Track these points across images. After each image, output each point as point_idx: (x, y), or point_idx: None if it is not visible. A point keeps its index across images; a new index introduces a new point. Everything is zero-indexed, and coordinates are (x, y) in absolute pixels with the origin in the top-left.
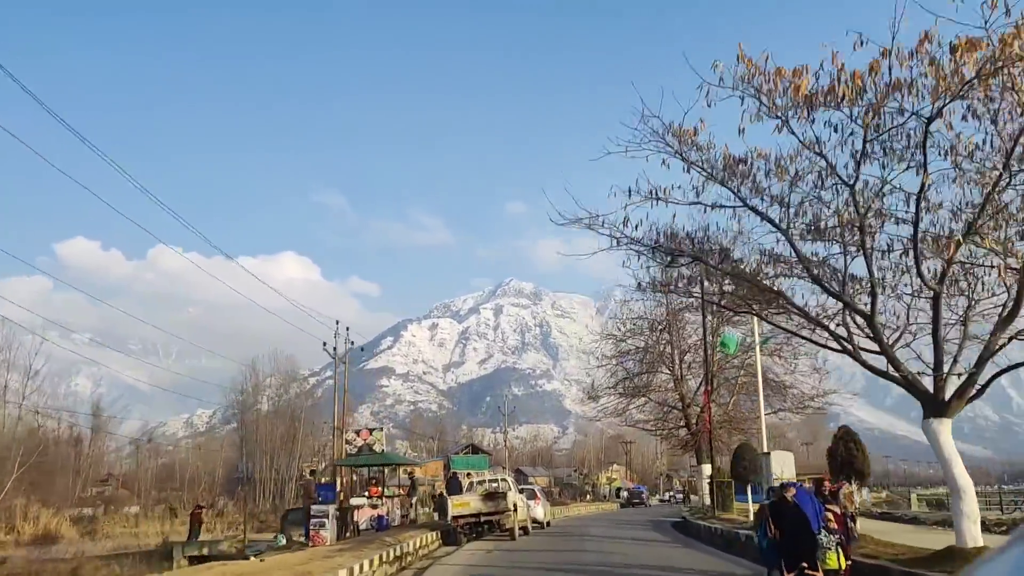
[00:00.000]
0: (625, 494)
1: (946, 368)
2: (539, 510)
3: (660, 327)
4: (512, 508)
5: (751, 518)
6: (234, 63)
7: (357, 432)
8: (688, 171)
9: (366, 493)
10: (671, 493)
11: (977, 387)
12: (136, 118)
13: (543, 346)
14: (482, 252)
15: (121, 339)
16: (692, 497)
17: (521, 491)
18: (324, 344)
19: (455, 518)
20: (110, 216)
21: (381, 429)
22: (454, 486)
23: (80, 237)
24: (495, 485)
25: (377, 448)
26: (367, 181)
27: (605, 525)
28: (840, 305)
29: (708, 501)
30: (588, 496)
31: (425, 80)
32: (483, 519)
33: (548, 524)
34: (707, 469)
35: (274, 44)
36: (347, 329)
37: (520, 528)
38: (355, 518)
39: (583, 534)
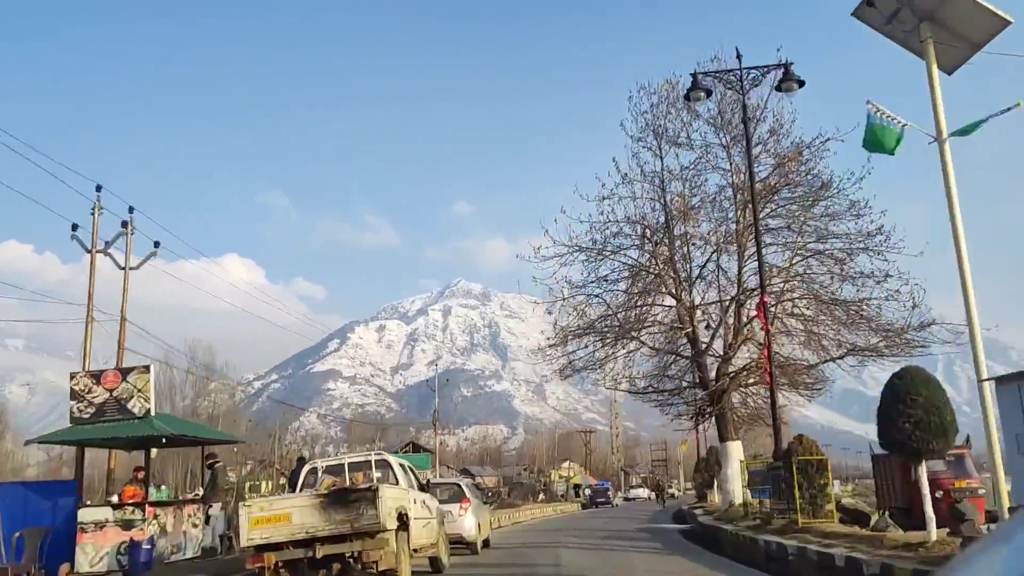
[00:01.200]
0: (588, 492)
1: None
2: (466, 521)
3: (659, 233)
4: (394, 525)
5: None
6: (175, 63)
7: (96, 376)
8: None
9: (113, 498)
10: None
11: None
12: (73, 119)
13: (492, 347)
14: (430, 253)
15: (59, 345)
16: (702, 492)
17: (431, 489)
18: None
19: (258, 551)
20: (46, 218)
21: (147, 369)
22: (297, 479)
23: (12, 241)
24: (359, 474)
25: (138, 408)
26: (311, 181)
27: (582, 539)
28: None
29: (738, 499)
30: (542, 496)
31: (368, 79)
32: (321, 553)
33: (485, 545)
34: (736, 449)
35: (214, 45)
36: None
37: (431, 558)
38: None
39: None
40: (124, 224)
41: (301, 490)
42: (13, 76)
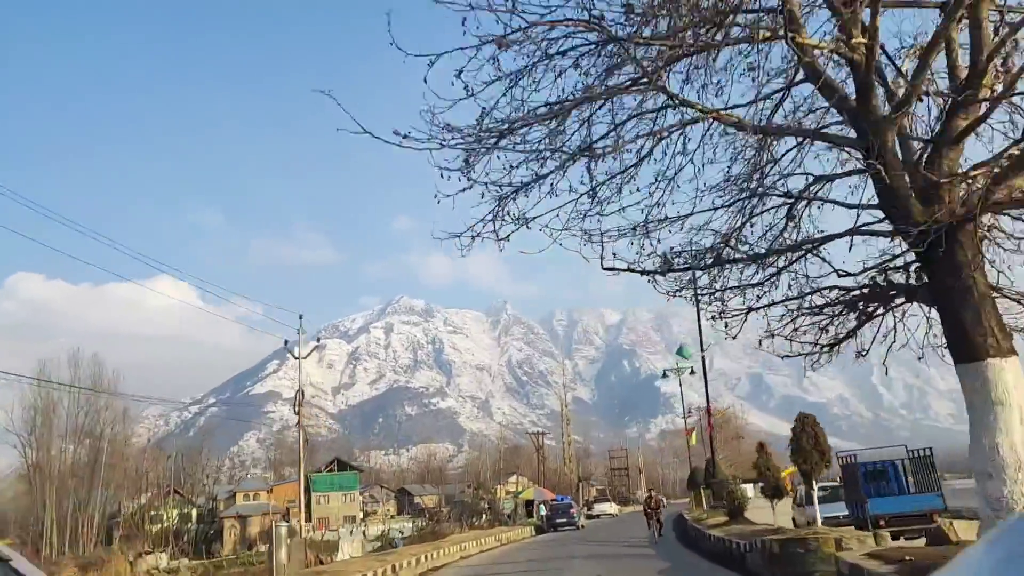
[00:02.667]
0: (545, 512)
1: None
2: None
3: None
4: None
5: None
6: (104, 78)
7: None
8: None
9: None
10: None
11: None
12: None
13: (436, 363)
14: (371, 269)
15: None
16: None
17: None
18: None
19: None
20: None
21: None
22: None
23: None
24: None
25: None
26: (246, 199)
27: None
28: None
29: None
30: (484, 516)
31: (301, 95)
32: None
33: None
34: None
35: (140, 63)
36: None
37: None
38: None
39: None
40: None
41: None
42: None
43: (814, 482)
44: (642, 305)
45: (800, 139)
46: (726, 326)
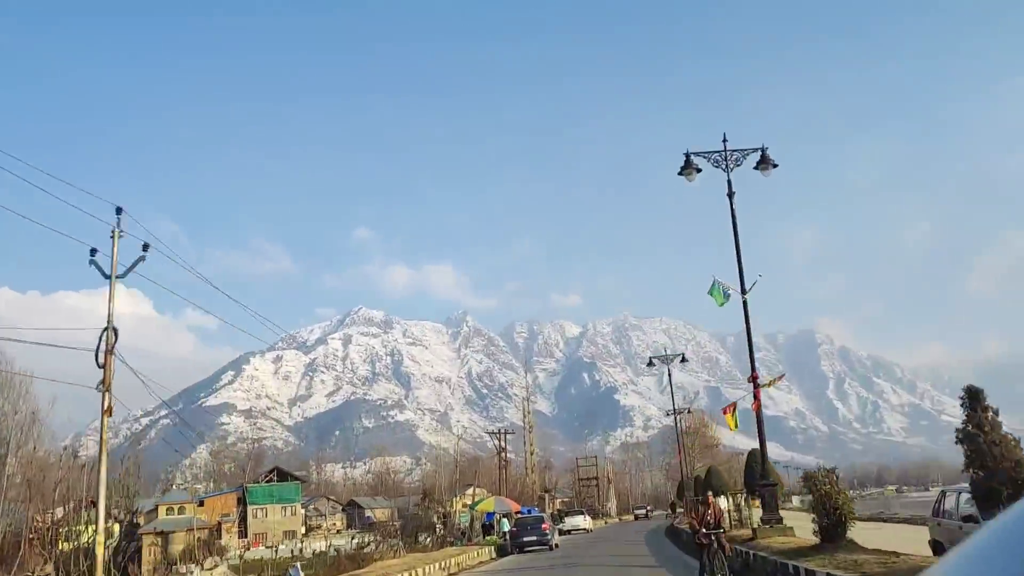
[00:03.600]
0: (509, 527)
1: None
2: None
3: None
4: None
5: None
6: (54, 80)
7: None
8: None
9: None
10: (642, 509)
11: None
12: None
13: (395, 375)
14: (329, 281)
15: None
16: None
17: None
18: None
19: None
20: None
21: None
22: None
23: None
24: None
25: None
26: (201, 208)
27: None
28: None
29: None
30: (437, 533)
31: (260, 103)
32: None
33: None
34: None
35: (95, 62)
36: None
37: None
38: None
39: None
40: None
41: None
42: None
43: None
44: (603, 318)
45: None
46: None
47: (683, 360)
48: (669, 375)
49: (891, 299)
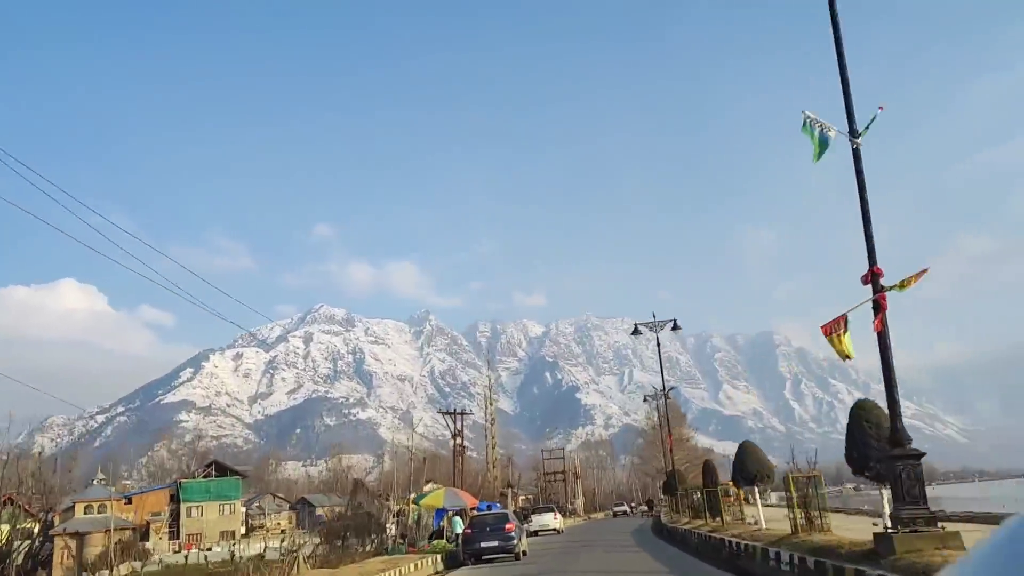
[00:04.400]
0: (459, 527)
1: None
2: None
3: None
4: None
5: None
6: (10, 73)
7: None
8: None
9: None
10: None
11: None
12: None
13: (356, 374)
14: (289, 278)
15: None
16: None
17: None
18: None
19: None
20: None
21: None
22: None
23: None
24: None
25: None
26: (158, 202)
27: None
28: None
29: None
30: (388, 534)
31: (221, 95)
32: None
33: None
34: None
35: (54, 55)
36: None
37: None
38: None
39: None
40: None
41: None
42: None
43: None
44: (565, 318)
45: None
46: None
47: (675, 328)
48: (657, 361)
49: (847, 302)
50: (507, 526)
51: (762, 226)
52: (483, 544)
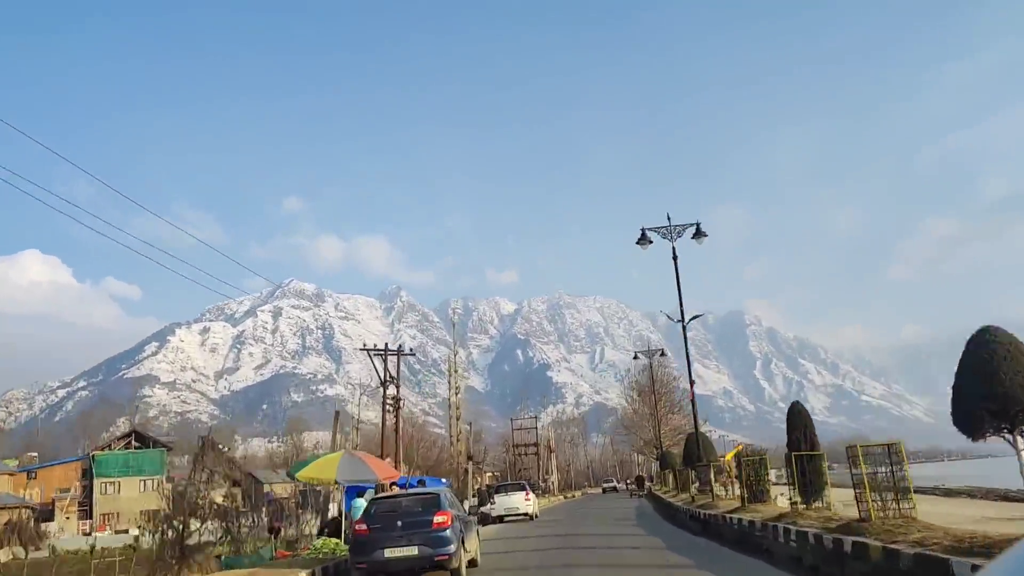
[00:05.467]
0: (358, 518)
1: None
2: None
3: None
4: None
5: None
6: None
7: None
8: None
9: None
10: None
11: None
12: None
13: (325, 349)
14: (258, 252)
15: None
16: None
17: None
18: None
19: None
20: None
21: None
22: None
23: None
24: None
25: None
26: (123, 172)
27: None
28: None
29: None
30: (257, 524)
31: (190, 68)
32: None
33: None
34: None
35: (27, 22)
36: None
37: None
38: None
39: None
40: None
41: None
42: None
43: None
44: (537, 296)
45: None
46: None
47: (697, 234)
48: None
49: (817, 282)
50: (435, 518)
51: (732, 205)
52: (389, 552)
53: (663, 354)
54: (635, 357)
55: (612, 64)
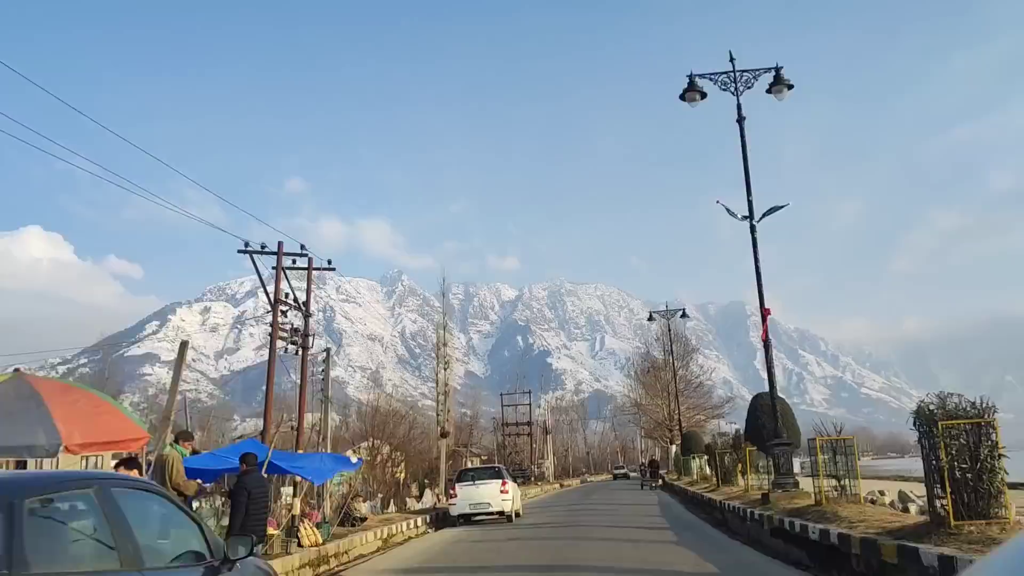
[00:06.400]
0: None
1: None
2: None
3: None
4: None
5: None
6: None
7: None
8: None
9: None
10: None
11: None
12: None
13: (326, 332)
14: (260, 231)
15: None
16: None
17: None
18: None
19: None
20: None
21: None
22: None
23: None
24: None
25: None
26: (125, 149)
27: None
28: None
29: None
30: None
31: (188, 49)
32: None
33: None
34: None
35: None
36: None
37: None
38: None
39: None
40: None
41: None
42: None
43: None
44: (539, 282)
45: None
46: None
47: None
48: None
49: (820, 274)
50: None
51: (734, 195)
52: None
53: (684, 315)
54: (650, 319)
55: (618, 44)
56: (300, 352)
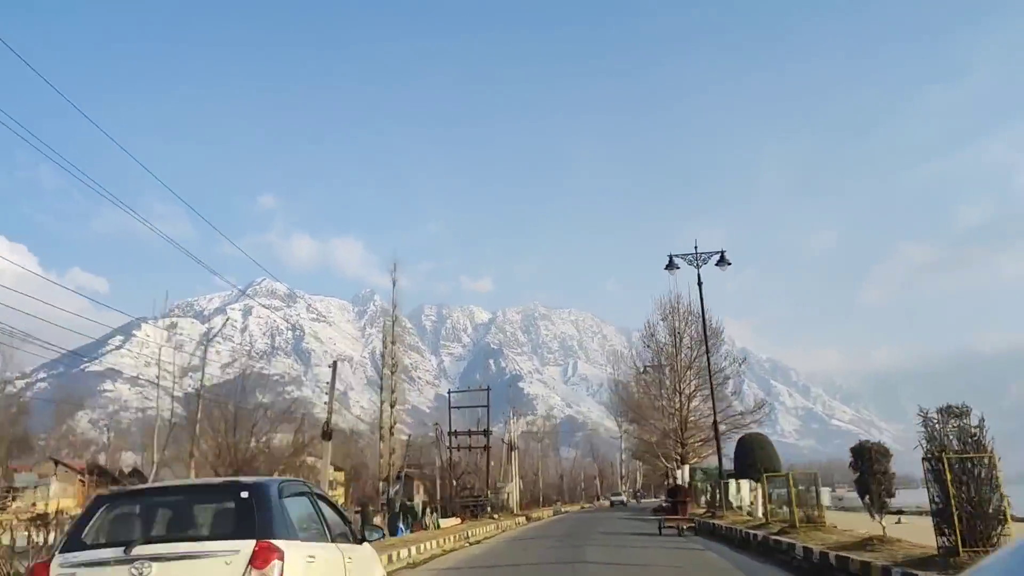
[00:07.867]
0: None
1: None
2: None
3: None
4: None
5: None
6: None
7: None
8: None
9: None
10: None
11: None
12: None
13: (295, 351)
14: (230, 248)
15: None
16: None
17: None
18: None
19: None
20: None
21: None
22: None
23: None
24: None
25: None
26: (91, 159)
27: None
28: None
29: None
30: None
31: (166, 57)
32: None
33: None
34: None
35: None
36: None
37: None
38: None
39: None
40: None
41: None
42: None
43: None
44: (513, 306)
45: None
46: None
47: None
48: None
49: (792, 304)
50: None
51: (710, 221)
52: None
53: (723, 260)
54: (669, 265)
55: (595, 74)
56: None
